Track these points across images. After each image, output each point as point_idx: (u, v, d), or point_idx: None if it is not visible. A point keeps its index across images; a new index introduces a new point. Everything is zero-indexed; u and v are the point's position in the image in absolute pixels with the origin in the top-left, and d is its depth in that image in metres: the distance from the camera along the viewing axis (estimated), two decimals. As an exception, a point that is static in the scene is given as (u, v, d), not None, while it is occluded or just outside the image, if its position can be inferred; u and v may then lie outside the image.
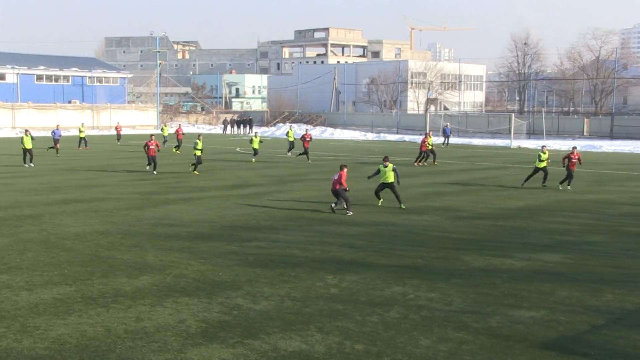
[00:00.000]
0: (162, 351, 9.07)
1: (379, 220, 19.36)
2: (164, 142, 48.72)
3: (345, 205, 20.46)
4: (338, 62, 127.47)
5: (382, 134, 72.13)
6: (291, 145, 43.81)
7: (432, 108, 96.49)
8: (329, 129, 77.08)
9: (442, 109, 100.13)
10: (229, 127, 79.25)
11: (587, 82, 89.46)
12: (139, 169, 33.09)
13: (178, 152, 44.85)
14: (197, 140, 31.94)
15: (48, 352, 9.01)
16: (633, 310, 11.04)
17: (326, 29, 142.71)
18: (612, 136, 63.78)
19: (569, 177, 26.59)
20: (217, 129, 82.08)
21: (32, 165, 34.48)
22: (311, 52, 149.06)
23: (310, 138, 40.73)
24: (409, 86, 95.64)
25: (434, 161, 37.63)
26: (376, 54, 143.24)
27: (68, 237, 16.46)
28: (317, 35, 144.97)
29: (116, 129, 57.71)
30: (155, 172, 30.98)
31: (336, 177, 20.70)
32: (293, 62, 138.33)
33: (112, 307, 10.92)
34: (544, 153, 27.20)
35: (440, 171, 34.02)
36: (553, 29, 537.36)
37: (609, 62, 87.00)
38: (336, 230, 17.67)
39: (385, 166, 21.83)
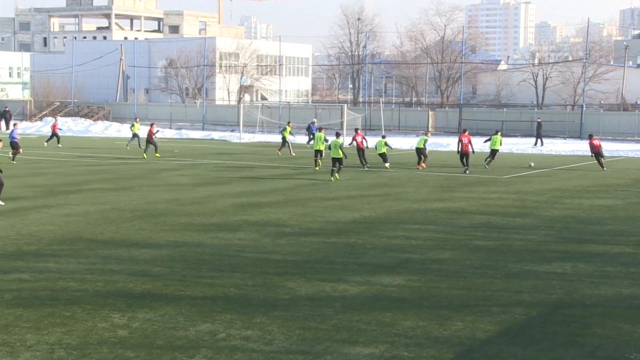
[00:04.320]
0: None
1: (181, 240, 19.21)
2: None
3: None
4: (126, 38, 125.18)
5: (183, 131, 71.76)
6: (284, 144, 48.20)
7: (247, 98, 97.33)
8: (115, 124, 75.49)
9: (260, 98, 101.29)
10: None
11: (431, 68, 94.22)
12: None
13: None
14: None
15: None
16: (485, 339, 11.74)
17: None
18: (460, 131, 67.59)
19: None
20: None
21: None
22: (90, 25, 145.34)
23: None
24: (218, 70, 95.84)
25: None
26: (175, 29, 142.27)
27: None
28: (97, 2, 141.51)
29: (53, 127, 54.30)
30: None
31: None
32: (65, 38, 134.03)
33: None
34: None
35: (257, 177, 34.39)
36: (391, 2, 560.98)
37: (455, 43, 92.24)
38: (125, 255, 17.31)
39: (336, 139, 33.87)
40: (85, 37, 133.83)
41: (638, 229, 22.11)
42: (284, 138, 48.50)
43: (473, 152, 38.25)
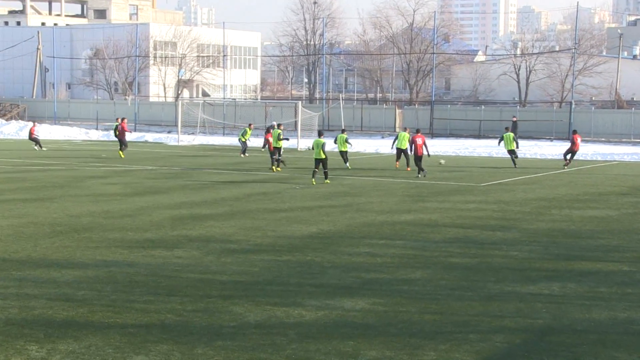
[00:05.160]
0: None
1: (110, 258, 19.07)
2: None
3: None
4: (43, 23, 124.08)
5: (112, 132, 71.29)
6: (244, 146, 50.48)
7: (186, 94, 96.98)
8: (32, 125, 74.66)
9: (201, 94, 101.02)
10: None
11: (398, 59, 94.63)
12: None
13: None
14: None
15: None
16: (463, 370, 11.82)
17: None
18: (432, 133, 67.95)
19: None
20: None
21: None
22: (0, 8, 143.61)
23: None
24: (152, 62, 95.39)
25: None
26: (101, 14, 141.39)
27: None
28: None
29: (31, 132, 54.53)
30: None
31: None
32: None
33: None
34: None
35: (199, 185, 34.25)
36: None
37: (425, 31, 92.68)
38: (44, 276, 17.13)
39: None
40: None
41: (634, 243, 22.35)
42: (243, 142, 50.01)
43: (429, 155, 39.50)
